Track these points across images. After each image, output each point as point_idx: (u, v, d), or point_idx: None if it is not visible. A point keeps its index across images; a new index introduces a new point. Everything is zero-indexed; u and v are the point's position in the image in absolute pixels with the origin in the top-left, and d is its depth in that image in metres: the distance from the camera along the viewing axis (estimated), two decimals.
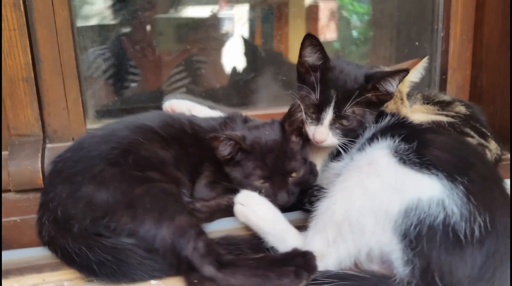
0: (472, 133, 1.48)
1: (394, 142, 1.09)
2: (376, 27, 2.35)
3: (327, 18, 2.26)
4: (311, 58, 1.36)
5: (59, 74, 1.63)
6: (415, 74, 1.59)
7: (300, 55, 1.38)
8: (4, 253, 1.23)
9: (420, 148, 1.06)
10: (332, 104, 1.32)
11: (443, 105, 1.59)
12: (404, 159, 1.05)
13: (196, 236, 1.15)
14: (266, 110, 1.93)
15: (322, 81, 1.34)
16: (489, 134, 1.54)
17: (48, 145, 1.68)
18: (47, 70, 1.62)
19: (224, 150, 1.30)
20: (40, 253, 1.24)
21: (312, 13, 2.24)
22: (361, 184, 1.07)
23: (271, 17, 2.13)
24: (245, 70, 2.16)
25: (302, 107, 1.32)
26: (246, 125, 1.43)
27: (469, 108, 1.59)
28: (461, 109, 1.57)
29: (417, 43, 2.04)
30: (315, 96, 1.33)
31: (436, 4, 1.94)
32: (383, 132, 1.21)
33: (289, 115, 1.33)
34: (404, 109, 1.56)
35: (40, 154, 1.61)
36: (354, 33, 2.39)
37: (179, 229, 1.15)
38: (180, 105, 1.61)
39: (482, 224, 0.95)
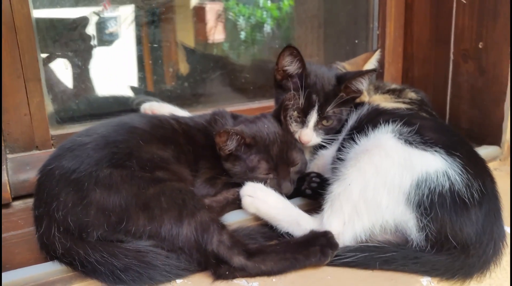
0: (427, 116, 1.70)
1: (396, 126, 1.23)
2: (300, 27, 2.52)
3: (214, 19, 2.32)
4: (291, 66, 1.48)
5: (19, 77, 1.50)
6: (370, 66, 1.78)
7: (278, 63, 1.48)
8: (5, 274, 1.11)
9: (418, 129, 1.22)
10: (316, 107, 1.45)
11: (397, 93, 1.79)
12: (408, 140, 1.19)
13: (220, 230, 1.17)
14: None
15: (304, 87, 1.45)
16: (437, 116, 1.78)
17: (9, 156, 1.54)
18: (6, 72, 1.48)
19: (231, 144, 1.32)
20: (47, 269, 1.14)
21: (199, 14, 2.29)
22: (373, 164, 1.18)
23: (158, 18, 2.12)
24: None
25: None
26: (239, 120, 1.46)
27: (418, 93, 1.81)
28: (412, 95, 1.79)
29: (356, 41, 2.25)
30: (299, 101, 1.44)
31: (371, 6, 2.17)
32: (371, 118, 1.36)
33: (284, 108, 1.39)
34: (365, 99, 1.73)
35: (4, 167, 1.48)
36: (242, 35, 2.48)
37: (201, 224, 1.16)
38: (162, 108, 1.58)
39: (478, 189, 1.14)
